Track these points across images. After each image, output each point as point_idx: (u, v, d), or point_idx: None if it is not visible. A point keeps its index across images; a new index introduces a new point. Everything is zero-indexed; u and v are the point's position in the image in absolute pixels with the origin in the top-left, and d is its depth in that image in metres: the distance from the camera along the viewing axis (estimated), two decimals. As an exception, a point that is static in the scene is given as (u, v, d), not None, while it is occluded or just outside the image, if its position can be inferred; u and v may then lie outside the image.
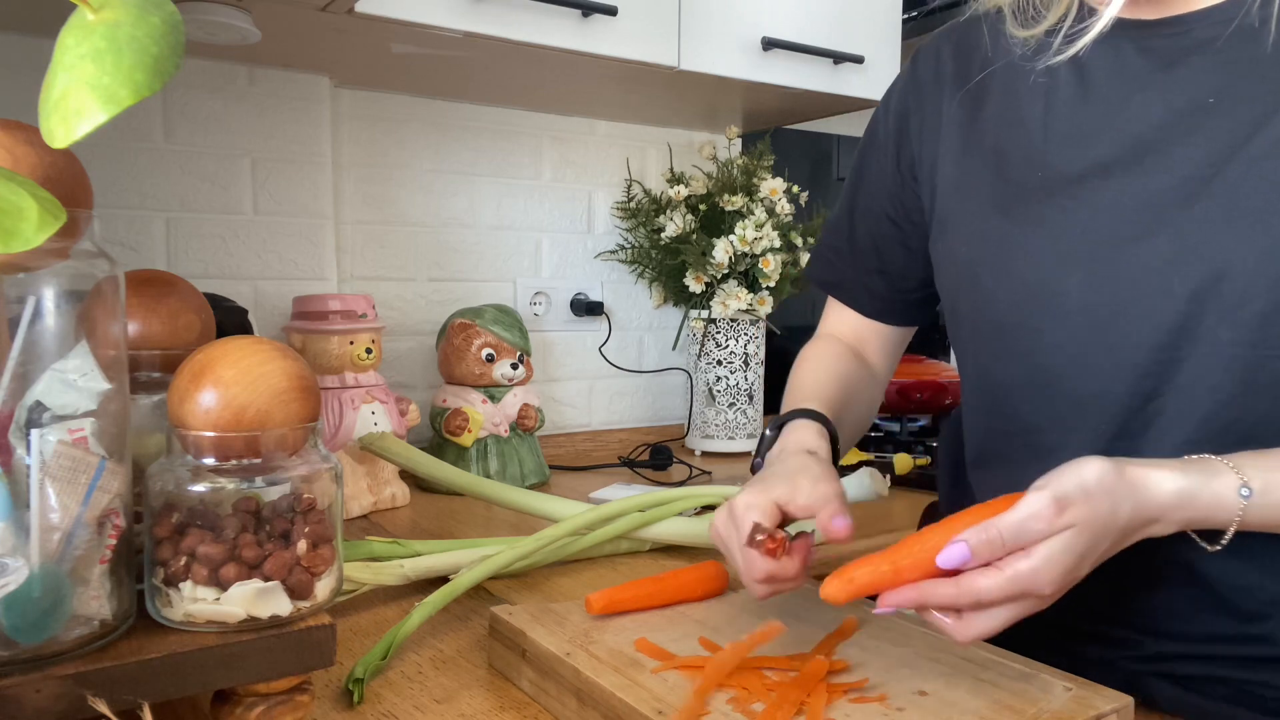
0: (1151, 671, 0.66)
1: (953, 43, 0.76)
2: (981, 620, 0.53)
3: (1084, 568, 0.53)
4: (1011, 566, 0.51)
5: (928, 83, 0.76)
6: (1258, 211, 0.57)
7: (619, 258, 1.60)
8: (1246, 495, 0.54)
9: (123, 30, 0.40)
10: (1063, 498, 0.51)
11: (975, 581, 0.52)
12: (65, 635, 0.47)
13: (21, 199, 0.39)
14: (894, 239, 0.81)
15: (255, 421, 0.51)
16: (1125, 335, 0.62)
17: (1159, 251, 0.60)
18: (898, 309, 0.86)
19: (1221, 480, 0.54)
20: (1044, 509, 0.51)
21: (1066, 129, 0.67)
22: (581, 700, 0.58)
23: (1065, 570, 0.51)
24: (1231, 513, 0.54)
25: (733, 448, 1.51)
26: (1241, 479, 0.54)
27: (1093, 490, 0.52)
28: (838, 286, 0.87)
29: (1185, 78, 0.62)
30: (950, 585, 0.52)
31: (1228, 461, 0.55)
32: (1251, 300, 0.57)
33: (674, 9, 1.21)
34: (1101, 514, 0.52)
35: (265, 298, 1.26)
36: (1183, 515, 0.54)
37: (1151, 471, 0.54)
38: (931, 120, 0.75)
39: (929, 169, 0.76)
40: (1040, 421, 0.68)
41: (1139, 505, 0.53)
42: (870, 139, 0.83)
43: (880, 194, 0.81)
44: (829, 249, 0.87)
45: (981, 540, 0.51)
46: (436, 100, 1.41)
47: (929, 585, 0.53)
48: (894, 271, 0.83)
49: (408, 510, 1.14)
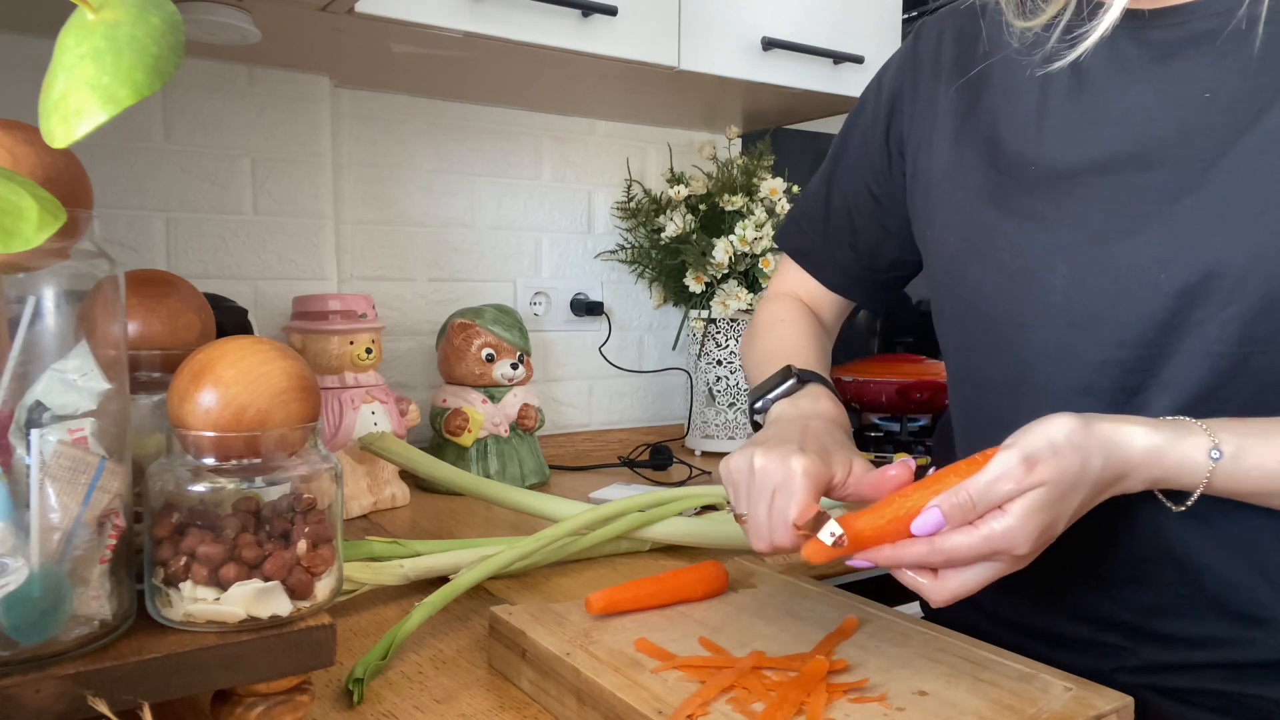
0: (1143, 684, 0.65)
1: (955, 28, 0.76)
2: (956, 579, 0.53)
3: (1059, 525, 0.53)
4: (986, 525, 0.52)
5: (926, 63, 0.76)
6: (1249, 208, 0.57)
7: (619, 258, 1.60)
8: (1216, 457, 0.54)
9: (122, 30, 0.40)
10: (1031, 455, 0.52)
11: (949, 539, 0.52)
12: (65, 635, 0.47)
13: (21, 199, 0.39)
14: (871, 213, 0.81)
15: (255, 421, 0.51)
16: (1111, 330, 0.62)
17: (1148, 247, 0.60)
18: (863, 286, 0.86)
19: (1192, 440, 0.54)
20: (1012, 468, 0.51)
21: (1061, 121, 0.66)
22: (581, 700, 0.58)
23: (1040, 527, 0.52)
24: (1200, 474, 0.54)
25: (733, 448, 1.50)
26: (1213, 441, 0.54)
27: (1061, 447, 0.52)
28: (807, 256, 0.87)
29: (1181, 70, 0.62)
30: (923, 544, 0.53)
31: (1202, 424, 0.55)
32: (1240, 297, 0.57)
33: (674, 9, 1.21)
34: (1071, 470, 0.52)
35: (265, 298, 1.26)
36: (1150, 473, 0.55)
37: (1122, 426, 0.54)
38: (925, 102, 0.75)
39: (914, 150, 0.75)
40: (1023, 416, 0.68)
41: (1109, 459, 0.53)
42: (860, 110, 0.82)
43: (863, 165, 0.81)
44: (802, 216, 0.87)
45: (953, 504, 0.52)
46: (436, 100, 1.41)
47: (903, 544, 0.53)
48: (865, 248, 0.82)
49: (408, 510, 1.14)
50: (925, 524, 0.53)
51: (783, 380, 0.71)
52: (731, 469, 0.62)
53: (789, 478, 0.58)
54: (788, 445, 0.60)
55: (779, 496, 0.58)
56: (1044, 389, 0.66)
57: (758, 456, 0.60)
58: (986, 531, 0.51)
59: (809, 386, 0.71)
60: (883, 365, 1.57)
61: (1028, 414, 0.67)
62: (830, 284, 0.86)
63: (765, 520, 0.59)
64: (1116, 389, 0.62)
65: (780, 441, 0.61)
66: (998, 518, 0.52)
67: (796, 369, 0.72)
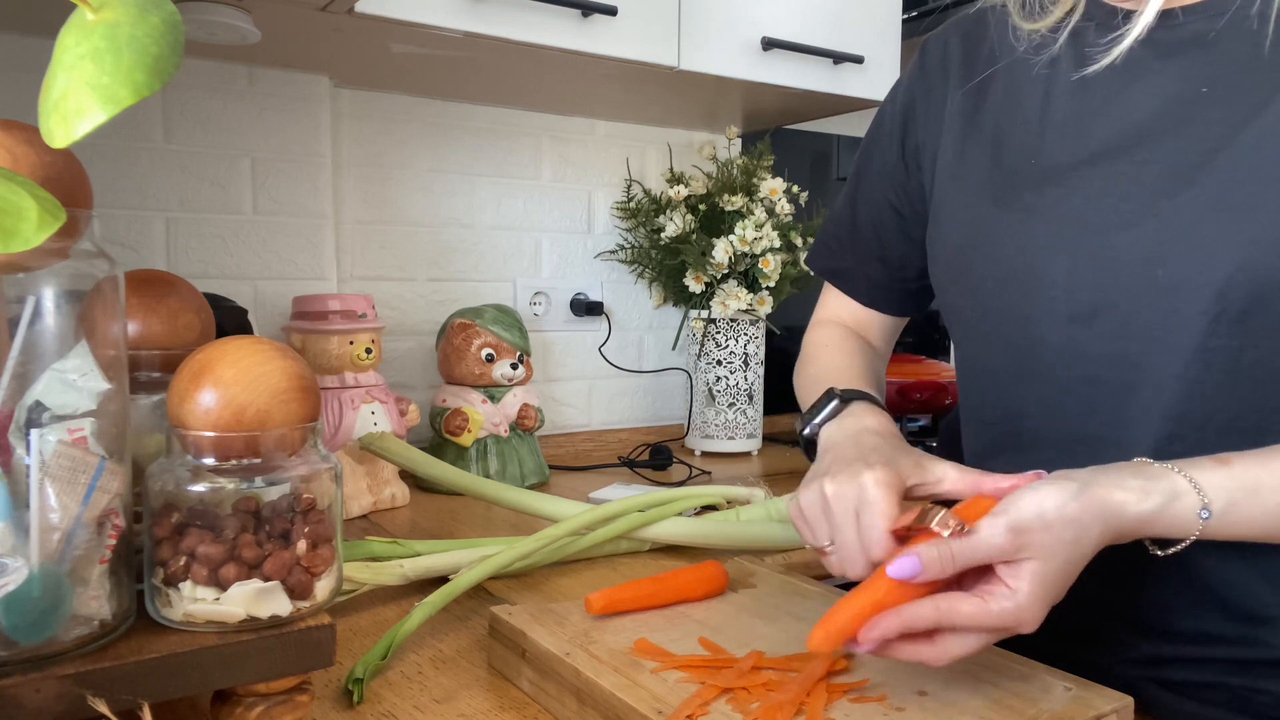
0: (1146, 677, 0.66)
1: (961, 34, 0.77)
2: (957, 645, 0.53)
3: (1061, 592, 0.53)
4: (997, 603, 0.52)
5: (934, 72, 0.77)
6: (1245, 204, 0.57)
7: (619, 258, 1.60)
8: (1205, 517, 0.54)
9: (122, 30, 0.40)
10: (1018, 525, 0.52)
11: (956, 608, 0.52)
12: (65, 635, 0.47)
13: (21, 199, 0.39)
14: (895, 227, 0.82)
15: (255, 421, 0.51)
16: (1111, 323, 0.62)
17: (1145, 240, 0.60)
18: (895, 298, 0.86)
19: (1183, 502, 0.54)
20: (997, 537, 0.52)
21: (1063, 118, 0.67)
22: (581, 700, 0.58)
23: (1046, 602, 0.52)
24: (1189, 531, 0.55)
25: (732, 448, 1.51)
26: (1203, 501, 0.54)
27: (1051, 521, 0.52)
28: (838, 274, 0.88)
29: (1181, 68, 0.62)
30: (929, 608, 0.52)
31: (1189, 479, 0.54)
32: (1234, 291, 0.57)
33: (674, 9, 1.21)
34: (1066, 540, 0.52)
35: (265, 298, 1.26)
36: (1142, 534, 0.55)
37: (1115, 493, 0.54)
38: (936, 109, 0.76)
39: (930, 157, 0.76)
40: (1028, 410, 0.68)
41: (1105, 528, 0.53)
42: (876, 128, 0.83)
43: (884, 182, 0.81)
44: (831, 238, 0.88)
45: (932, 557, 0.52)
46: (436, 100, 1.41)
47: (910, 608, 0.53)
48: (893, 260, 0.83)
49: (407, 510, 1.14)
50: (901, 569, 0.52)
51: (826, 403, 0.71)
52: (804, 505, 0.61)
53: (864, 493, 0.57)
54: (853, 465, 0.59)
55: (863, 515, 0.57)
56: (1046, 382, 0.66)
57: (828, 485, 0.59)
58: (997, 609, 0.52)
59: (853, 405, 0.70)
60: (883, 365, 1.57)
61: (1031, 406, 0.67)
62: (863, 299, 0.87)
63: (855, 541, 0.57)
64: (1117, 381, 0.63)
65: (844, 465, 0.60)
66: (1008, 596, 0.52)
67: (839, 390, 0.71)
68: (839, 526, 0.58)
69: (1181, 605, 0.64)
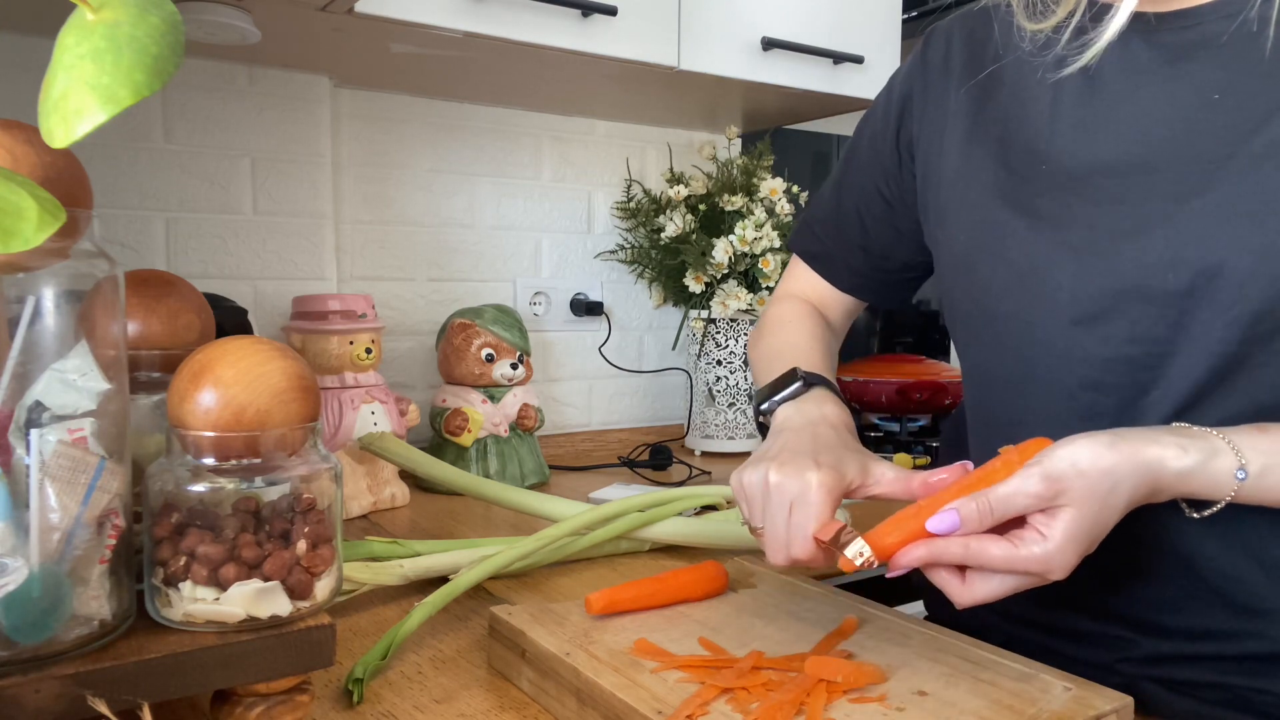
0: (1145, 675, 0.66)
1: (965, 31, 0.76)
2: (984, 587, 0.55)
3: (1093, 545, 0.54)
4: (1026, 547, 0.53)
5: (936, 67, 0.77)
6: (1255, 210, 0.57)
7: (619, 258, 1.60)
8: (1242, 477, 0.55)
9: (122, 30, 0.40)
10: (1052, 474, 0.53)
11: (986, 548, 0.53)
12: (65, 635, 0.47)
13: (21, 199, 0.39)
14: (882, 216, 0.82)
15: (255, 421, 0.51)
16: (1117, 328, 0.62)
17: (1155, 247, 0.60)
18: (874, 286, 0.86)
19: (1220, 461, 0.55)
20: (1032, 485, 0.53)
21: (1072, 122, 0.67)
22: (581, 700, 0.58)
23: (1077, 553, 0.53)
24: (1224, 491, 0.55)
25: (732, 448, 1.51)
26: (1240, 461, 0.55)
27: (1085, 469, 0.53)
28: (818, 258, 0.88)
29: (1192, 72, 0.62)
30: (958, 545, 0.54)
31: (1228, 441, 0.55)
32: (1244, 298, 0.57)
33: (674, 9, 1.21)
34: (1100, 492, 0.53)
35: (265, 298, 1.26)
36: (1177, 490, 0.56)
37: (1151, 447, 0.54)
38: (936, 105, 0.76)
39: (924, 152, 0.76)
40: (1032, 414, 0.68)
41: (1140, 481, 0.54)
42: (870, 116, 0.83)
43: (874, 169, 0.81)
44: (814, 220, 0.88)
45: (970, 510, 0.54)
46: (436, 100, 1.40)
47: (940, 542, 0.54)
48: (876, 249, 0.83)
49: (407, 510, 1.14)
50: (941, 524, 0.54)
51: (788, 383, 0.72)
52: (745, 483, 0.62)
53: (805, 492, 0.59)
54: (801, 459, 0.60)
55: (797, 511, 0.59)
56: (1050, 386, 0.66)
57: (773, 472, 0.60)
58: (1026, 554, 0.53)
59: (814, 390, 0.71)
60: (883, 365, 1.58)
61: (1036, 411, 0.67)
62: (842, 285, 0.87)
63: (783, 534, 0.59)
64: (1123, 386, 0.63)
65: (793, 454, 0.61)
66: (1038, 542, 0.53)
67: (803, 372, 0.72)
68: (772, 515, 0.60)
69: (1180, 600, 0.64)
